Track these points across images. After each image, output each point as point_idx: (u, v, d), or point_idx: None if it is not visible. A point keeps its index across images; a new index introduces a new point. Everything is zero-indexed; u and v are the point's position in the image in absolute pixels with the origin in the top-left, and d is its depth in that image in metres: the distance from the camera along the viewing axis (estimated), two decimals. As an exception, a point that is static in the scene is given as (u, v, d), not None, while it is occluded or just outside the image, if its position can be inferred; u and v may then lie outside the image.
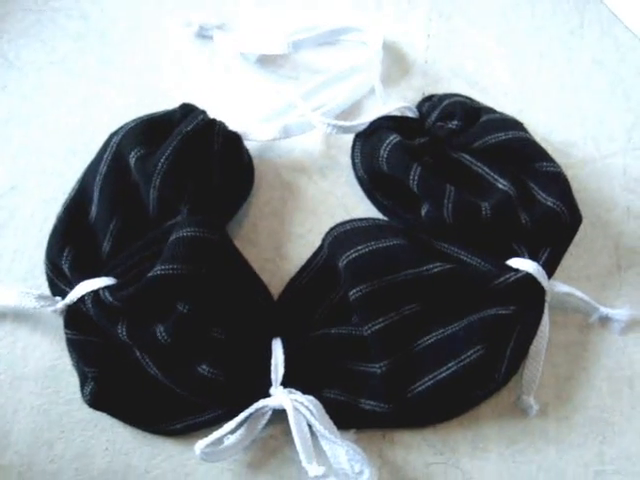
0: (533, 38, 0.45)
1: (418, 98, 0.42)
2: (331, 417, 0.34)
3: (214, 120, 0.37)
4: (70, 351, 0.36)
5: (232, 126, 0.38)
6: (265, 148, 0.41)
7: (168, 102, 0.41)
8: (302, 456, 0.32)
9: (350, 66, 0.41)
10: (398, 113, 0.39)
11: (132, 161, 0.36)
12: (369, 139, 0.39)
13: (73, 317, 0.35)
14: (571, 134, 0.42)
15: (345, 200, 0.40)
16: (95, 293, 0.34)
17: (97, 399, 0.35)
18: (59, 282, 0.37)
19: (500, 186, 0.37)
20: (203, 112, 0.38)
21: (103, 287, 0.34)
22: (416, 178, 0.36)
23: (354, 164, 0.40)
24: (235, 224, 0.39)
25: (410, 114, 0.40)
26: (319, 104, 0.40)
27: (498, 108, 0.40)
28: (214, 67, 0.43)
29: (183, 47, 0.43)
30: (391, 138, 0.37)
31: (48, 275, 0.37)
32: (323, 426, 0.33)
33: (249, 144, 0.39)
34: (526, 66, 0.44)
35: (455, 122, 0.38)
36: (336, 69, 0.41)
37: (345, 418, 0.35)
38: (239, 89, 0.42)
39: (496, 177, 0.37)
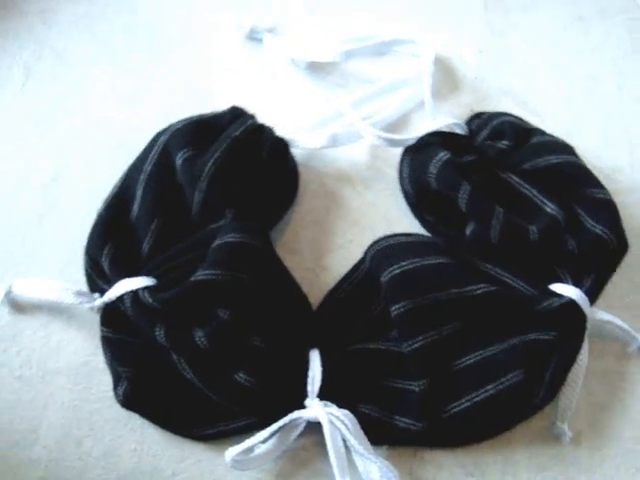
0: (585, 60, 0.45)
1: (466, 114, 0.42)
2: (364, 432, 0.33)
3: (263, 125, 0.37)
4: (105, 349, 0.36)
5: (280, 132, 0.38)
6: (310, 156, 0.40)
7: (214, 102, 0.41)
8: (336, 470, 0.32)
9: (400, 78, 0.41)
10: (447, 129, 0.39)
11: (179, 162, 0.36)
12: (418, 154, 0.38)
13: (110, 315, 0.35)
14: (618, 160, 0.42)
15: (388, 213, 0.40)
16: (134, 293, 0.34)
17: (130, 399, 0.35)
18: (97, 279, 0.36)
19: (548, 210, 0.36)
20: (252, 116, 0.38)
21: (143, 287, 0.34)
22: (465, 197, 0.36)
23: (401, 178, 0.39)
24: (277, 231, 0.39)
25: (459, 131, 0.40)
26: (367, 114, 0.40)
27: (545, 129, 0.40)
28: (263, 70, 0.43)
29: (233, 48, 0.43)
30: (441, 155, 0.37)
31: (87, 271, 0.37)
32: (357, 441, 0.33)
33: (294, 151, 0.39)
34: (576, 88, 0.44)
35: (505, 142, 0.38)
36: (386, 80, 0.41)
37: (378, 434, 0.35)
38: (287, 94, 0.42)
39: (544, 200, 0.37)
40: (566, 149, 0.38)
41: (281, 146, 0.38)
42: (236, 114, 0.38)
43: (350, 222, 0.39)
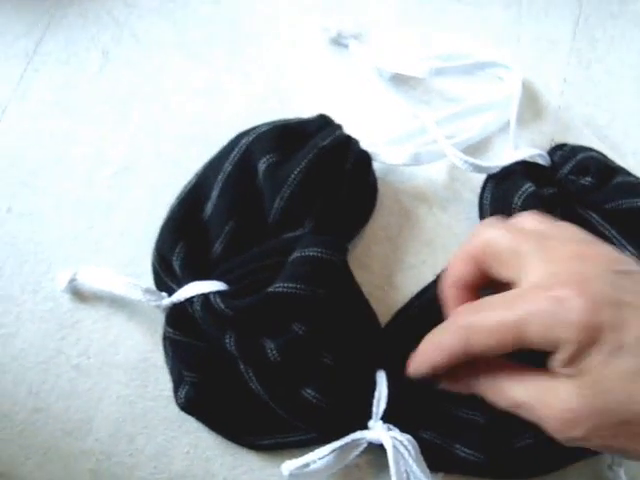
0: (670, 99, 0.44)
1: (546, 143, 0.41)
2: (425, 458, 0.33)
3: (350, 137, 0.37)
4: (167, 350, 0.35)
5: (363, 145, 0.37)
6: (388, 171, 0.40)
7: (293, 105, 0.41)
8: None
9: (485, 101, 0.40)
10: (529, 159, 0.38)
11: (262, 166, 0.35)
12: (502, 183, 0.38)
13: (177, 317, 0.35)
14: (697, 206, 0.41)
15: (462, 237, 0.39)
16: (206, 297, 0.33)
17: (191, 404, 0.34)
18: (166, 277, 0.36)
19: (627, 253, 0.36)
20: (340, 127, 0.37)
21: (214, 292, 0.33)
22: None
23: (482, 205, 0.39)
24: (349, 245, 0.38)
25: (541, 161, 0.39)
26: (449, 134, 0.39)
27: (625, 166, 0.39)
28: (346, 77, 0.42)
29: (316, 50, 0.42)
30: (527, 186, 0.36)
31: (154, 268, 0.36)
32: (420, 468, 0.33)
33: (373, 165, 0.38)
34: (659, 127, 0.43)
35: (588, 179, 0.37)
36: (470, 101, 0.40)
37: (437, 462, 0.34)
38: (369, 105, 0.41)
39: (624, 243, 0.36)
40: None
41: (364, 160, 0.37)
42: (323, 123, 0.37)
43: (423, 242, 0.39)
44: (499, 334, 0.26)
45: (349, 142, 0.36)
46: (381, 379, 0.34)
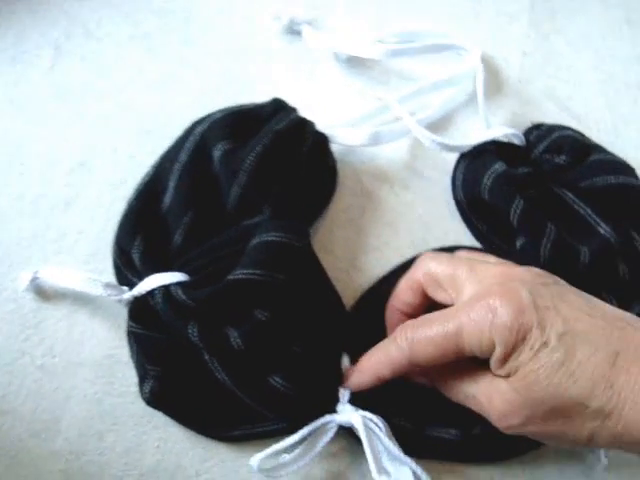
0: (631, 67, 0.43)
1: (508, 117, 0.41)
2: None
3: (305, 119, 0.36)
4: (131, 345, 0.35)
5: (319, 127, 0.37)
6: (348, 152, 0.39)
7: (249, 93, 0.40)
8: (374, 471, 0.31)
9: (443, 78, 0.40)
10: (504, 138, 0.38)
11: (217, 154, 0.35)
12: (473, 163, 0.37)
13: (139, 310, 0.34)
14: (662, 173, 0.41)
15: (425, 216, 0.39)
16: (166, 288, 0.33)
17: (156, 397, 0.34)
18: (127, 271, 0.35)
19: (601, 231, 0.35)
20: (294, 110, 0.36)
21: (175, 283, 0.33)
22: (518, 211, 0.35)
23: (454, 186, 0.39)
24: (311, 229, 0.38)
25: (516, 141, 0.39)
26: (409, 112, 0.39)
27: (588, 136, 0.39)
28: (301, 63, 0.42)
29: (271, 37, 0.42)
30: (496, 166, 0.36)
31: (115, 262, 0.36)
32: (392, 443, 0.32)
33: (332, 147, 0.38)
34: (621, 96, 0.43)
35: (563, 157, 0.37)
36: (429, 79, 0.40)
37: (408, 447, 0.34)
38: (325, 88, 0.41)
39: (599, 221, 0.36)
40: (626, 170, 0.37)
41: (322, 142, 0.37)
42: (277, 107, 0.36)
43: (386, 223, 0.39)
44: (440, 344, 0.29)
45: (305, 125, 0.36)
46: (346, 362, 0.34)
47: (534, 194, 0.36)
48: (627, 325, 0.28)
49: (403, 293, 0.34)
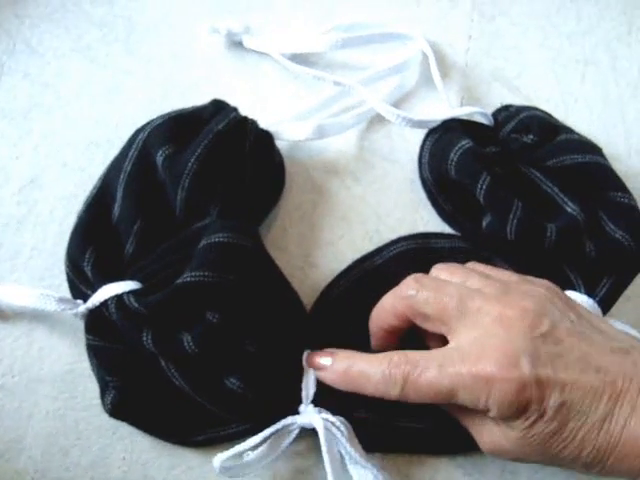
0: (578, 43, 0.43)
1: (457, 102, 0.41)
2: (362, 438, 0.33)
3: (246, 118, 0.36)
4: (90, 357, 0.35)
5: (263, 124, 0.37)
6: (296, 149, 0.39)
7: (195, 97, 0.40)
8: (330, 477, 0.31)
9: (391, 65, 0.40)
10: (472, 118, 0.38)
11: (159, 160, 0.35)
12: (440, 140, 0.37)
13: (95, 322, 0.34)
14: (615, 147, 0.41)
15: (378, 208, 0.39)
16: (119, 298, 0.33)
17: (118, 408, 0.34)
18: (80, 284, 0.35)
19: (569, 210, 0.35)
20: (235, 109, 0.36)
21: (127, 292, 0.33)
22: (484, 187, 0.35)
23: (420, 164, 0.38)
24: (263, 228, 0.38)
25: (484, 121, 0.39)
26: (355, 103, 0.39)
27: (539, 115, 0.39)
28: (245, 63, 0.41)
29: (213, 41, 0.42)
30: (463, 143, 0.36)
31: (68, 276, 0.36)
32: (353, 448, 0.32)
33: (279, 144, 0.38)
34: (570, 73, 0.43)
35: (531, 136, 0.37)
36: (374, 68, 0.40)
37: (376, 440, 0.34)
38: (270, 87, 0.41)
39: (566, 200, 0.36)
40: (593, 149, 0.37)
41: (265, 139, 0.36)
42: (218, 107, 0.36)
43: (338, 217, 0.38)
44: (433, 393, 0.29)
45: (245, 123, 0.36)
46: (307, 362, 0.34)
47: (501, 172, 0.36)
48: (617, 377, 0.28)
49: (386, 317, 0.33)
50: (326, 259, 0.38)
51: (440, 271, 0.33)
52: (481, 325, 0.29)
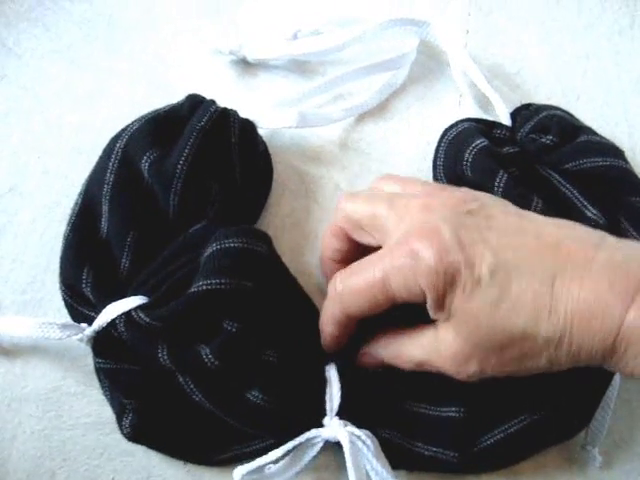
0: (579, 38, 0.43)
1: (454, 100, 0.40)
2: (387, 454, 0.32)
3: (226, 109, 0.35)
4: (102, 381, 0.34)
5: (243, 114, 0.36)
6: (287, 152, 0.38)
7: (180, 97, 0.39)
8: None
9: (384, 60, 0.39)
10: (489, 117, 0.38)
11: (144, 166, 0.34)
12: (454, 140, 0.36)
13: (103, 344, 0.33)
14: (619, 144, 0.39)
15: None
16: (127, 315, 0.31)
17: (138, 432, 0.33)
18: (81, 307, 0.34)
19: (589, 214, 0.34)
20: (213, 102, 0.35)
21: (135, 307, 0.32)
22: (502, 186, 0.34)
23: (435, 165, 0.37)
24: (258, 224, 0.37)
25: (503, 120, 0.38)
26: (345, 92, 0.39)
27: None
28: (232, 60, 0.40)
29: (197, 38, 0.41)
30: (478, 142, 0.35)
31: (66, 301, 0.34)
32: (380, 463, 0.31)
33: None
34: (571, 68, 0.42)
35: (550, 137, 0.36)
36: (367, 63, 0.39)
37: (398, 460, 0.33)
38: (261, 83, 0.40)
39: (586, 204, 0.35)
40: (615, 152, 0.36)
41: (249, 128, 0.36)
42: (195, 102, 0.35)
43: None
44: (368, 293, 0.29)
45: (227, 114, 0.35)
46: (331, 373, 0.33)
47: (518, 174, 0.35)
48: (561, 241, 0.27)
49: (328, 241, 0.33)
50: (320, 267, 0.36)
51: (376, 183, 0.33)
52: (409, 218, 0.29)
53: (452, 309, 0.27)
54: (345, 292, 0.29)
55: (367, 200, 0.31)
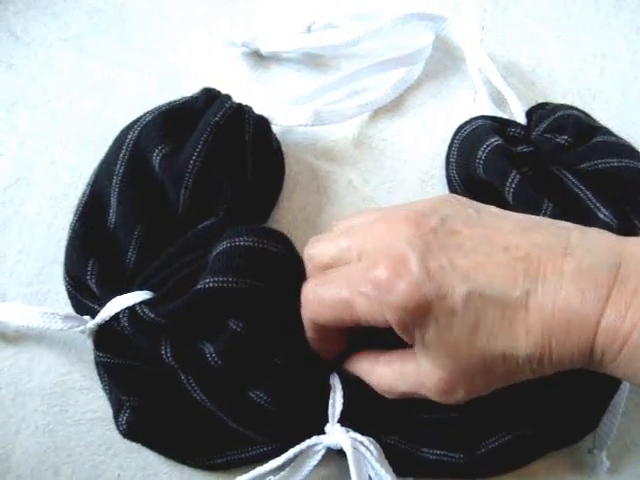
0: (596, 36, 0.42)
1: (469, 97, 0.40)
2: (391, 462, 0.32)
3: (242, 105, 0.35)
4: (102, 376, 0.33)
5: (257, 110, 0.35)
6: (301, 147, 0.38)
7: (193, 89, 0.38)
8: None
9: (399, 56, 0.38)
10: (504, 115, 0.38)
11: (156, 160, 0.33)
12: (468, 138, 0.36)
13: (105, 338, 0.32)
14: (634, 144, 0.39)
15: (387, 209, 0.37)
16: (131, 310, 0.31)
17: (134, 429, 0.32)
18: (84, 299, 0.33)
19: (601, 216, 0.34)
20: (229, 97, 0.35)
21: (140, 302, 0.31)
22: (513, 186, 0.33)
23: (448, 162, 0.37)
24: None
25: (518, 119, 0.37)
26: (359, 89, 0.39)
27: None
28: (246, 53, 0.40)
29: (211, 28, 0.40)
30: (492, 140, 0.34)
31: (70, 292, 0.34)
32: (384, 470, 0.31)
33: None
34: (587, 67, 0.42)
35: (565, 137, 0.35)
36: (382, 59, 0.38)
37: (404, 467, 0.33)
38: (274, 77, 0.40)
39: (598, 205, 0.34)
40: (631, 153, 0.35)
41: (262, 125, 0.35)
42: (210, 96, 0.35)
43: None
44: (334, 310, 0.28)
45: (242, 110, 0.34)
46: (336, 380, 0.33)
47: (531, 173, 0.34)
48: (529, 251, 0.26)
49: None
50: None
51: (336, 226, 0.32)
52: (370, 241, 0.28)
53: (426, 340, 0.27)
54: (315, 301, 0.29)
55: (328, 239, 0.30)
